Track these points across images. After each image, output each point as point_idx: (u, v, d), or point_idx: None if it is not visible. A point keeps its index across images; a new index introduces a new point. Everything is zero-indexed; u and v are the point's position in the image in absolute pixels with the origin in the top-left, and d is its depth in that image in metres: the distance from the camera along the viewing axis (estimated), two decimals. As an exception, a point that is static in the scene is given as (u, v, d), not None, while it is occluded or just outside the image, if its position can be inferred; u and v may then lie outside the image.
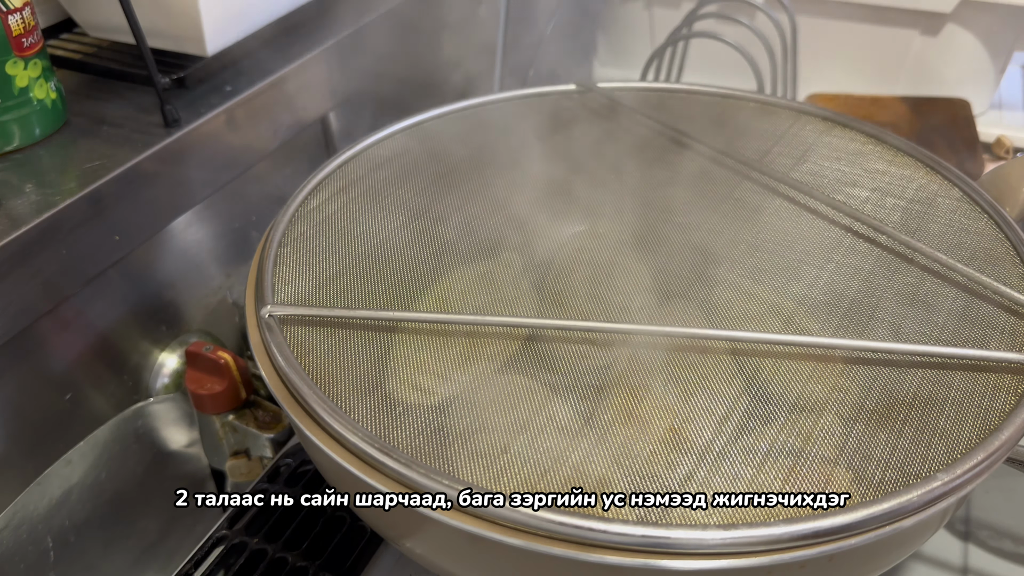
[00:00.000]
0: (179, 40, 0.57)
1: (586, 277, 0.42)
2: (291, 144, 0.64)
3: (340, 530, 0.44)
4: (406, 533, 0.34)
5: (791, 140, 0.50)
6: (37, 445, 0.49)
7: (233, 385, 0.53)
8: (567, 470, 0.31)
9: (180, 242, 0.58)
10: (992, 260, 0.40)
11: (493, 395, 0.35)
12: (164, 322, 0.58)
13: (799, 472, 0.31)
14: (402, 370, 0.36)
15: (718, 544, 0.27)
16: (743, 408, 0.34)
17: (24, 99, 0.49)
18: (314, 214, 0.44)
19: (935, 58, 0.78)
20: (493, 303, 0.41)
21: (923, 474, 0.30)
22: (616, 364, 0.37)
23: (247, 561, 0.43)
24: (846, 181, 0.46)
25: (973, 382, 0.34)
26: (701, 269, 0.41)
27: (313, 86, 0.63)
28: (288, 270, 0.40)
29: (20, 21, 0.47)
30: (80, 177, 0.48)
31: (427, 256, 0.43)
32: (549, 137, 0.51)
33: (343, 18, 0.66)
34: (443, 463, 0.31)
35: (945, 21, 0.75)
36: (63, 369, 0.51)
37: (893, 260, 0.41)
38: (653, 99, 0.54)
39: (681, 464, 0.31)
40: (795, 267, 0.41)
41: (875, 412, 0.33)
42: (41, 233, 0.45)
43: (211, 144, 0.55)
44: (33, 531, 0.47)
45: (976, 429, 0.32)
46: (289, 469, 0.48)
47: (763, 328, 0.38)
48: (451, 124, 0.51)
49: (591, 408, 0.35)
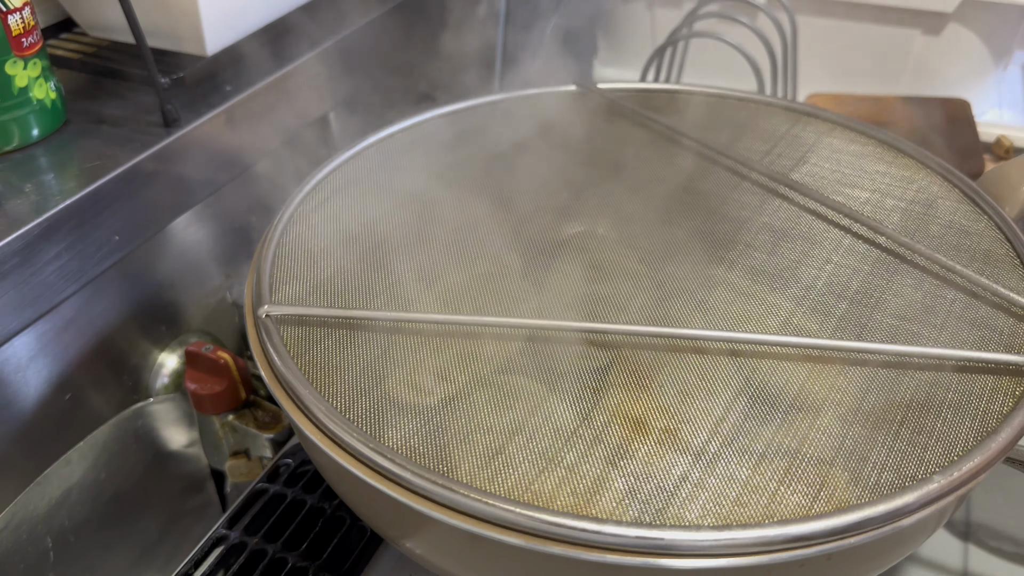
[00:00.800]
0: (179, 40, 0.57)
1: (585, 278, 0.42)
2: (291, 144, 0.64)
3: (340, 530, 0.44)
4: (406, 533, 0.34)
5: (791, 141, 0.50)
6: (37, 445, 0.49)
7: (233, 385, 0.53)
8: (563, 470, 0.31)
9: (180, 242, 0.58)
10: (992, 262, 0.40)
11: (491, 395, 0.35)
12: (164, 322, 0.58)
13: (796, 473, 0.31)
14: (401, 370, 0.36)
15: (713, 545, 0.27)
16: (740, 409, 0.34)
17: (24, 99, 0.49)
18: (313, 214, 0.44)
19: (936, 58, 0.78)
20: (492, 303, 0.41)
21: (920, 476, 0.30)
22: (615, 365, 0.37)
23: (247, 561, 0.43)
24: (846, 182, 0.46)
25: (971, 384, 0.34)
26: (700, 269, 0.41)
27: (313, 86, 0.64)
28: (287, 270, 0.40)
29: (20, 21, 0.47)
30: (80, 177, 0.48)
31: (426, 256, 0.43)
32: (549, 137, 0.51)
33: (343, 18, 0.66)
34: (441, 463, 0.31)
35: (947, 21, 0.75)
36: (63, 369, 0.51)
37: (892, 261, 0.41)
38: (653, 99, 0.54)
39: (678, 464, 0.31)
40: (794, 268, 0.41)
41: (873, 413, 0.33)
42: (41, 233, 0.45)
43: (211, 144, 0.56)
44: (33, 531, 0.47)
45: (974, 431, 0.32)
46: (289, 469, 0.48)
47: (761, 329, 0.38)
48: (451, 125, 0.51)
49: (589, 408, 0.35)
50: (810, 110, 0.52)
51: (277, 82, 0.60)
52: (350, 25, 0.66)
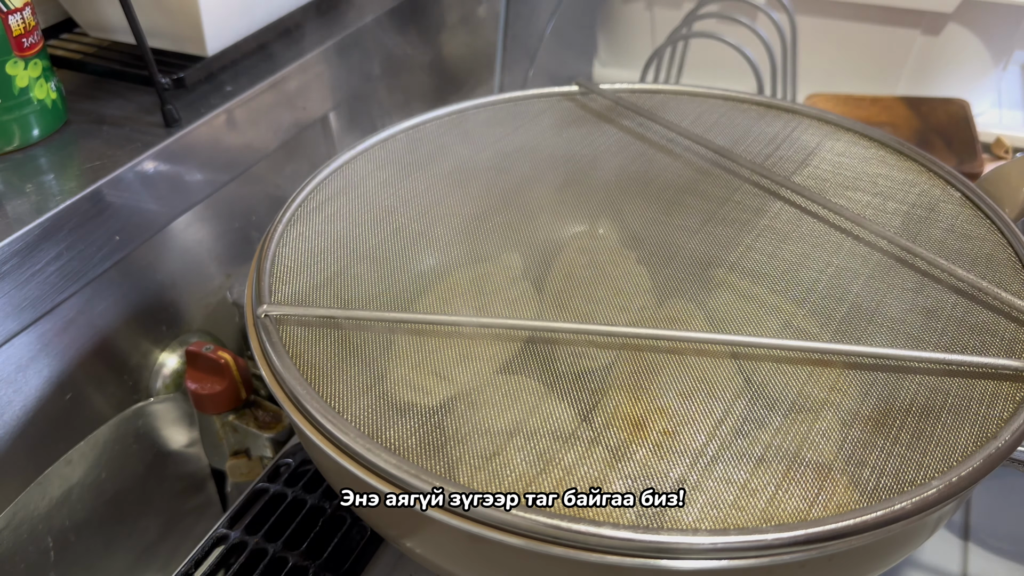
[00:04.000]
0: (179, 40, 0.57)
1: (585, 278, 0.42)
2: (291, 144, 0.64)
3: (340, 530, 0.44)
4: (406, 533, 0.34)
5: (793, 143, 0.50)
6: (37, 445, 0.49)
7: (233, 385, 0.53)
8: (561, 471, 0.31)
9: (180, 242, 0.58)
10: (993, 266, 0.40)
11: (491, 396, 0.35)
12: (164, 322, 0.58)
13: (794, 476, 0.31)
14: (400, 370, 0.36)
15: (711, 548, 0.27)
16: (740, 411, 0.34)
17: (24, 99, 0.49)
18: (314, 214, 0.44)
19: (936, 58, 0.78)
20: (492, 304, 0.41)
21: (919, 480, 0.30)
22: (614, 366, 0.37)
23: (247, 561, 0.43)
24: (847, 185, 0.46)
25: (971, 388, 0.34)
26: (700, 271, 0.41)
27: (313, 86, 0.64)
28: (287, 270, 0.40)
29: (20, 21, 0.47)
30: (80, 177, 0.48)
31: (426, 257, 0.43)
32: (550, 138, 0.51)
33: (343, 18, 0.66)
34: (440, 463, 0.31)
35: (947, 21, 0.75)
36: (63, 369, 0.51)
37: (893, 265, 0.41)
38: (654, 100, 0.54)
39: (677, 465, 0.32)
40: (795, 271, 0.41)
41: (872, 417, 0.33)
42: (41, 233, 0.45)
43: (211, 144, 0.56)
44: (33, 531, 0.47)
45: (973, 435, 0.32)
46: (289, 469, 0.48)
47: (761, 331, 0.38)
48: (452, 125, 0.51)
49: (588, 409, 0.35)
50: (812, 112, 0.52)
51: (277, 82, 0.60)
52: (350, 25, 0.66)
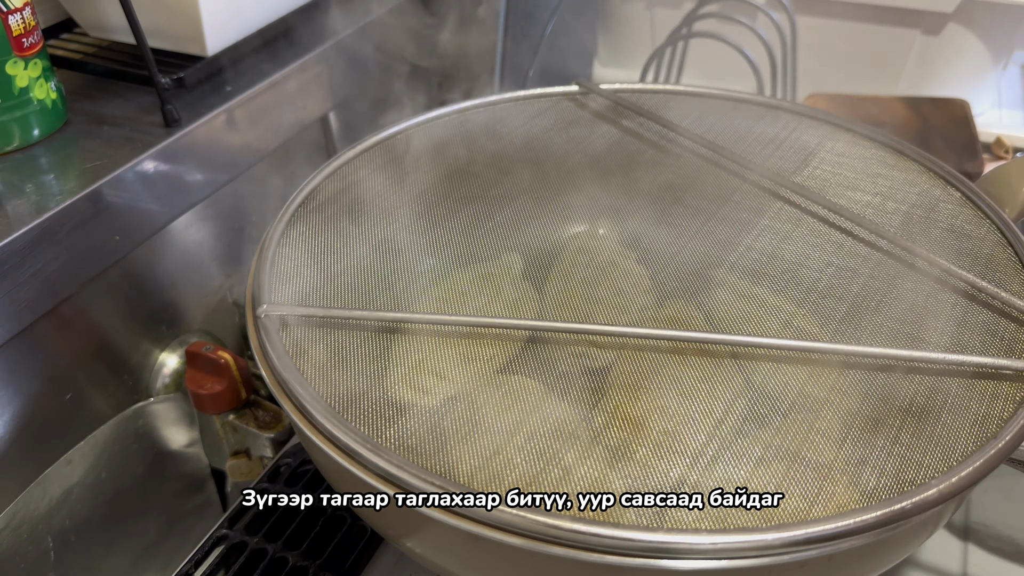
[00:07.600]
0: (179, 40, 0.57)
1: (586, 278, 0.42)
2: (291, 144, 0.64)
3: (340, 530, 0.44)
4: (406, 533, 0.34)
5: (793, 143, 0.50)
6: (37, 445, 0.49)
7: (233, 385, 0.53)
8: (560, 471, 0.31)
9: (180, 242, 0.58)
10: (993, 266, 0.40)
11: (491, 395, 0.35)
12: (164, 322, 0.58)
13: (794, 476, 0.31)
14: (400, 370, 0.36)
15: (711, 548, 0.27)
16: (740, 411, 0.34)
17: (24, 99, 0.49)
18: (314, 214, 0.44)
19: (936, 58, 0.78)
20: (492, 304, 0.41)
21: (919, 480, 0.30)
22: (614, 366, 0.37)
23: (247, 561, 0.43)
24: (847, 185, 0.46)
25: (971, 388, 0.34)
26: (701, 271, 0.41)
27: (313, 86, 0.64)
28: (287, 270, 0.40)
29: (20, 21, 0.47)
30: (80, 177, 0.48)
31: (426, 257, 0.43)
32: (550, 138, 0.51)
33: (343, 18, 0.66)
34: (440, 463, 0.31)
35: (947, 21, 0.75)
36: (63, 369, 0.51)
37: (893, 265, 0.41)
38: (654, 100, 0.54)
39: (677, 465, 0.32)
40: (795, 271, 0.41)
41: (872, 416, 0.33)
42: (41, 233, 0.45)
43: (211, 144, 0.56)
44: (33, 531, 0.47)
45: (973, 435, 0.32)
46: (289, 469, 0.48)
47: (761, 331, 0.38)
48: (451, 125, 0.51)
49: (588, 409, 0.35)
50: (812, 112, 0.52)
51: (277, 82, 0.60)
52: (351, 25, 0.66)
